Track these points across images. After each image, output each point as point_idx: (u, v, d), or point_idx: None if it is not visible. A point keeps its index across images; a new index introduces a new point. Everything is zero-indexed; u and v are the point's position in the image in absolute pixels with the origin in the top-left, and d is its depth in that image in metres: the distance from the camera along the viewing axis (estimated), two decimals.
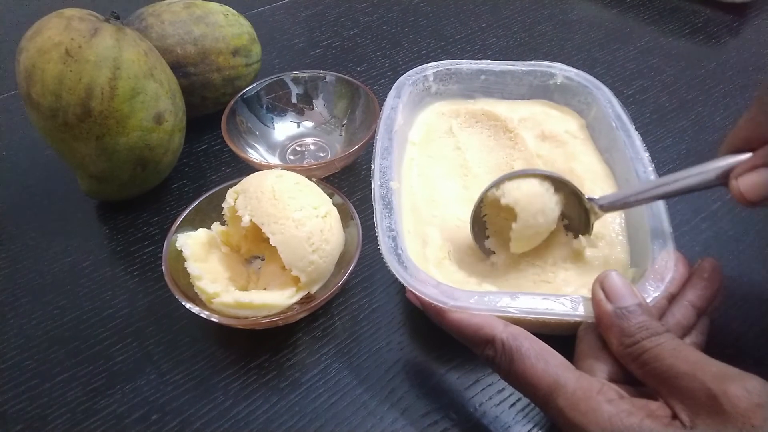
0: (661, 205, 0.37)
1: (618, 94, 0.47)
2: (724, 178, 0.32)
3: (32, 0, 0.76)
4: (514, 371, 0.29)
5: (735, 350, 0.38)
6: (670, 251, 0.34)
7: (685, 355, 0.26)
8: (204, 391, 0.37)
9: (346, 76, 0.53)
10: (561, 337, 0.32)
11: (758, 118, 0.30)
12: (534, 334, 0.30)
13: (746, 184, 0.30)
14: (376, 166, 0.40)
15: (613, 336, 0.29)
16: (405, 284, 0.33)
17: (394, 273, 0.33)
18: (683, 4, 0.73)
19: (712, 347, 0.37)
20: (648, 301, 0.31)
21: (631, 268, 0.37)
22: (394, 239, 0.35)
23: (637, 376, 0.28)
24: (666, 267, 0.33)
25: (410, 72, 0.48)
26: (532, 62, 0.49)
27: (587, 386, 0.27)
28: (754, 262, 0.43)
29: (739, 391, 0.24)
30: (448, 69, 0.49)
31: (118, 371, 0.38)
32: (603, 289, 0.30)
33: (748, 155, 0.31)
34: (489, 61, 0.50)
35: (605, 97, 0.46)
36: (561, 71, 0.49)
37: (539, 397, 0.28)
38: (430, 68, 0.49)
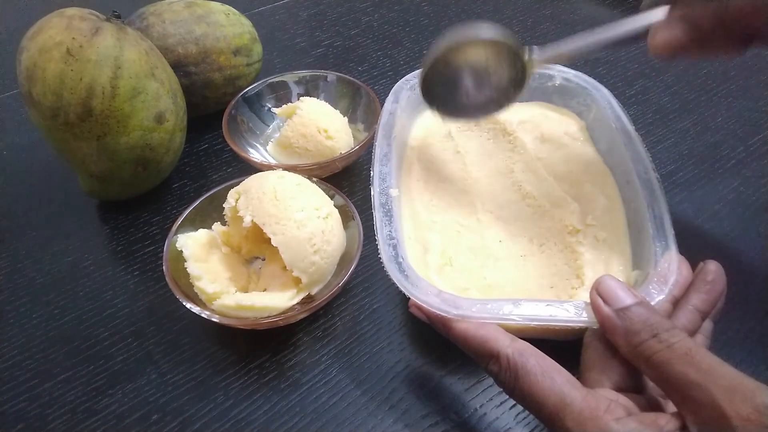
0: (663, 208, 0.37)
1: (620, 95, 0.47)
2: (646, 33, 0.35)
3: None
4: (520, 388, 0.28)
5: (739, 352, 0.38)
6: (673, 254, 0.34)
7: (696, 361, 0.25)
8: (204, 392, 0.37)
9: (347, 76, 0.53)
10: (568, 342, 0.32)
11: None
12: (539, 340, 0.30)
13: (659, 41, 0.34)
14: (375, 172, 0.39)
15: (619, 338, 0.28)
16: (406, 294, 0.32)
17: (395, 282, 0.33)
18: None
19: (716, 350, 0.38)
20: (651, 304, 0.31)
21: (634, 271, 0.37)
22: (394, 247, 0.34)
23: (650, 378, 0.28)
24: (669, 270, 0.33)
25: (407, 76, 0.48)
26: None
27: (594, 405, 0.26)
28: (757, 262, 0.43)
29: (752, 414, 0.23)
30: None
31: (119, 371, 0.38)
32: (600, 295, 0.30)
33: (664, 11, 0.34)
34: None
35: (604, 98, 0.46)
36: (559, 73, 0.48)
37: (545, 415, 0.27)
38: None
